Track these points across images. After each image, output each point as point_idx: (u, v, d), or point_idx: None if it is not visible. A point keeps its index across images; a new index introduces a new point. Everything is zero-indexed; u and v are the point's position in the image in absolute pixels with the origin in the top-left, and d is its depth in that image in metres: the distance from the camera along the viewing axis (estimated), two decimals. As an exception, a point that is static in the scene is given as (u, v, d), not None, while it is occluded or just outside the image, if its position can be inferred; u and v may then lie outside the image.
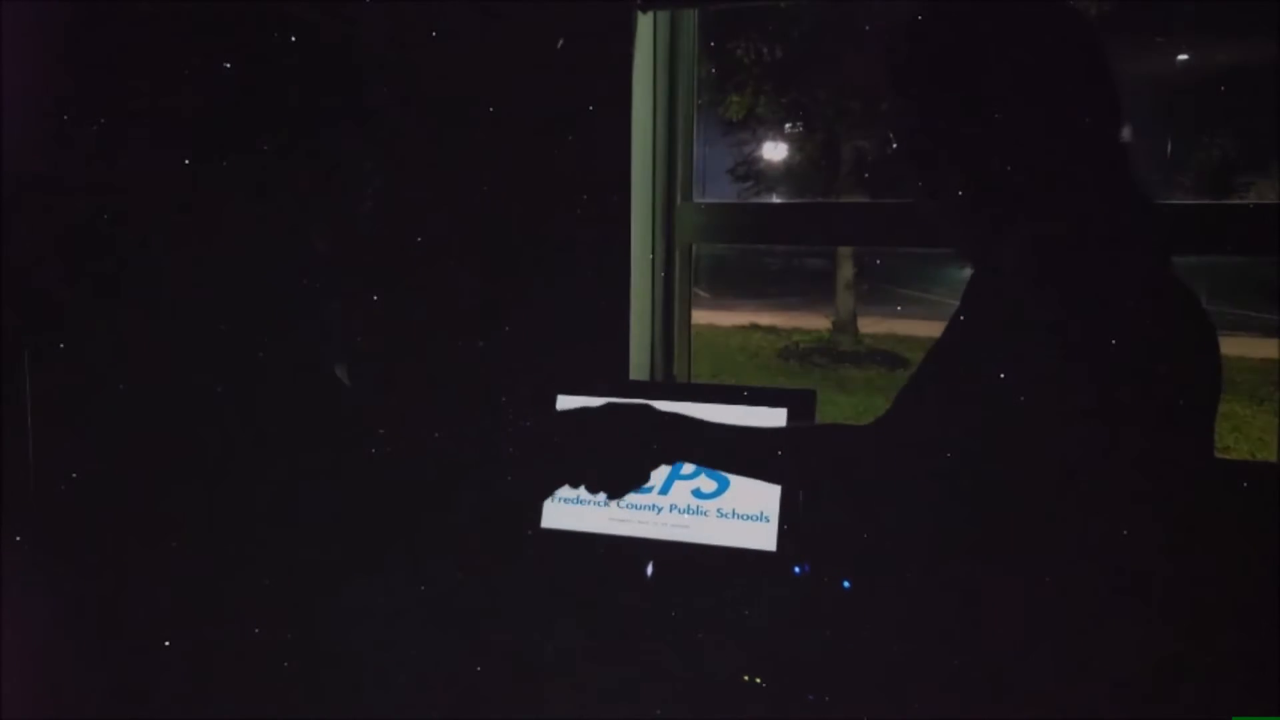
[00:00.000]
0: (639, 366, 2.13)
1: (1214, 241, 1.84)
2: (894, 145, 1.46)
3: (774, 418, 1.70)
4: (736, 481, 1.71)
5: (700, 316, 2.27)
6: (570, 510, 1.78)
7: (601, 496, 1.49)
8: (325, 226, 1.67)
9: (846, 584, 1.62)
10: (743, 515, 1.70)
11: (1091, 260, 1.31)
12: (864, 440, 1.45)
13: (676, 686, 1.59)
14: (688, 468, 1.73)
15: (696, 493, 1.72)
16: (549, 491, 1.71)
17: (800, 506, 1.68)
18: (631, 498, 1.75)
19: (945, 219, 1.45)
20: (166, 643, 1.55)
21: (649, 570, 1.73)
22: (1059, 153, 1.33)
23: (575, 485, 1.47)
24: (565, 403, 1.81)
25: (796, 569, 1.67)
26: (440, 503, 1.75)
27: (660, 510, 1.73)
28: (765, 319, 9.13)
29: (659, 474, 1.74)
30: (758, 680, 1.58)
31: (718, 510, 1.71)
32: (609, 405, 1.50)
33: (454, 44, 1.97)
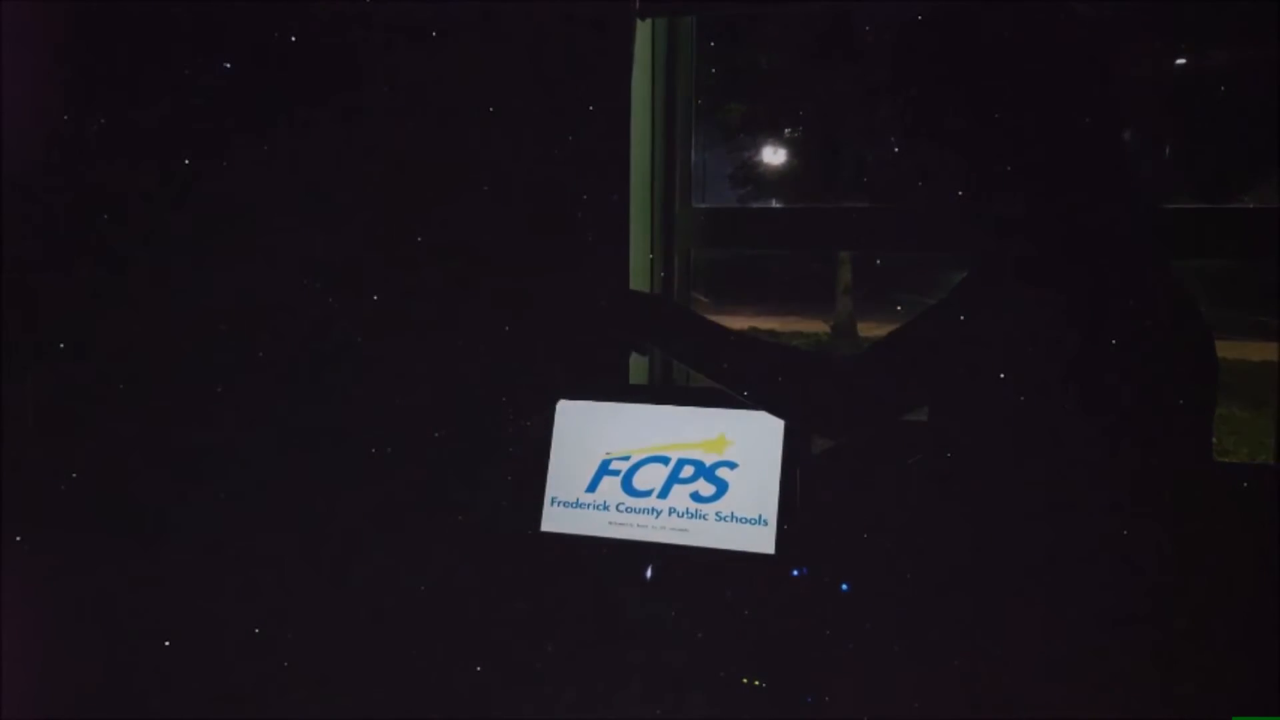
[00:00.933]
0: (638, 370, 2.13)
1: (1214, 245, 1.84)
2: (895, 148, 1.46)
3: (773, 421, 1.70)
4: (735, 485, 1.71)
5: (699, 320, 2.25)
6: (569, 513, 1.78)
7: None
8: (324, 226, 1.67)
9: (845, 587, 1.62)
10: (741, 519, 1.70)
11: (1090, 262, 1.31)
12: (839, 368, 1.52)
13: (676, 689, 1.59)
14: (686, 471, 1.73)
15: (695, 496, 1.72)
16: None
17: (798, 508, 1.68)
18: (630, 501, 1.75)
19: (945, 221, 1.45)
20: (166, 643, 1.55)
21: (648, 573, 1.73)
22: (1059, 155, 1.33)
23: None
24: (565, 406, 1.81)
25: (795, 571, 1.67)
26: (440, 504, 1.75)
27: (659, 514, 1.73)
28: (765, 323, 9.10)
29: (658, 477, 1.74)
30: (757, 683, 1.58)
31: (716, 514, 1.70)
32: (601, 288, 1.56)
33: (454, 44, 1.97)
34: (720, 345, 1.54)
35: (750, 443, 1.70)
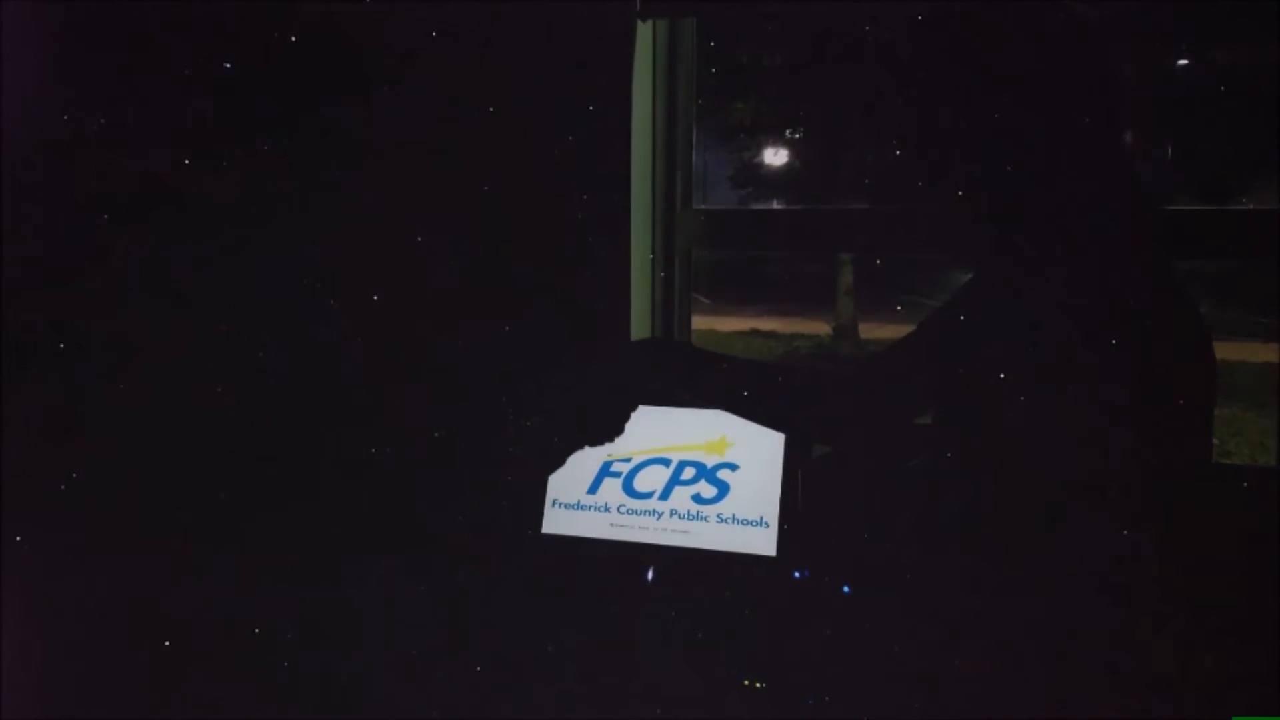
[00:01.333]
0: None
1: (1214, 246, 1.84)
2: (896, 149, 1.46)
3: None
4: (736, 487, 1.71)
5: (700, 322, 2.26)
6: (570, 515, 1.78)
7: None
8: (324, 227, 1.67)
9: (846, 589, 1.61)
10: (742, 520, 1.70)
11: (1090, 263, 1.31)
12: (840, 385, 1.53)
13: (676, 689, 1.59)
14: (688, 473, 1.73)
15: (696, 498, 1.72)
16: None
17: (799, 511, 1.68)
18: (632, 503, 1.75)
19: (945, 221, 1.45)
20: (166, 643, 1.55)
21: (649, 575, 1.73)
22: (1060, 156, 1.33)
23: None
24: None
25: (796, 573, 1.67)
26: (440, 504, 1.75)
27: (660, 515, 1.73)
28: (766, 324, 9.11)
29: (660, 479, 1.74)
30: (758, 684, 1.58)
31: (717, 515, 1.70)
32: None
33: (454, 44, 1.97)
34: (717, 370, 1.55)
35: (751, 445, 1.70)
